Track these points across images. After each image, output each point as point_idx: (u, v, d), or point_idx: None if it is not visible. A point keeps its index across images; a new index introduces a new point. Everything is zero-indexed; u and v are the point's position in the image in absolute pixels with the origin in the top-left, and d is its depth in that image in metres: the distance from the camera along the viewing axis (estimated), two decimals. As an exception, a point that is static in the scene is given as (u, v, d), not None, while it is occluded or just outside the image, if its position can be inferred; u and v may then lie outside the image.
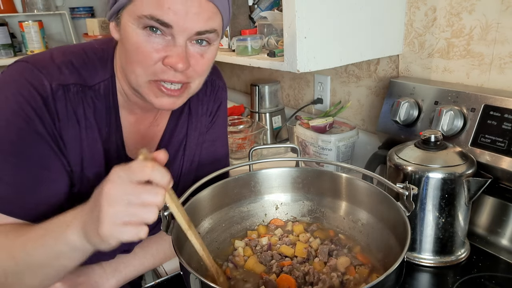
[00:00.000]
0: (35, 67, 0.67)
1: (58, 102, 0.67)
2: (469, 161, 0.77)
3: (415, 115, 0.98)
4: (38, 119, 0.65)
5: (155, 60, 0.63)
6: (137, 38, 0.62)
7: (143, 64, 0.64)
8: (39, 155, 0.66)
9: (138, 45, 0.63)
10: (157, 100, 0.68)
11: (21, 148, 0.65)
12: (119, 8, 0.64)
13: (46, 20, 2.38)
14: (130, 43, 0.63)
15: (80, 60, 0.71)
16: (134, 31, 0.62)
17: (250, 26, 1.35)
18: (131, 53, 0.64)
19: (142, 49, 0.63)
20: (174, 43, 0.63)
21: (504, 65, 0.89)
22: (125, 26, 0.63)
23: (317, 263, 0.71)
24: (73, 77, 0.69)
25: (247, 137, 1.37)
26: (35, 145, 0.66)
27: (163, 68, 0.64)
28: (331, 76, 1.39)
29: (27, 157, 0.65)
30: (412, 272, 0.79)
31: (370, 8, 0.99)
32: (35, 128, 0.65)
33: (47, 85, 0.66)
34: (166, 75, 0.65)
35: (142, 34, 0.62)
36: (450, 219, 0.78)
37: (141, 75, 0.65)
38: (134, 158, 0.79)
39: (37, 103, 0.65)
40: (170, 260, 0.88)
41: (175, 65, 0.62)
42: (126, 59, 0.66)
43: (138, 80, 0.66)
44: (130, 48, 0.64)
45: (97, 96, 0.72)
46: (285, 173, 0.85)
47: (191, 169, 0.89)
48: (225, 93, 0.95)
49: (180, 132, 0.86)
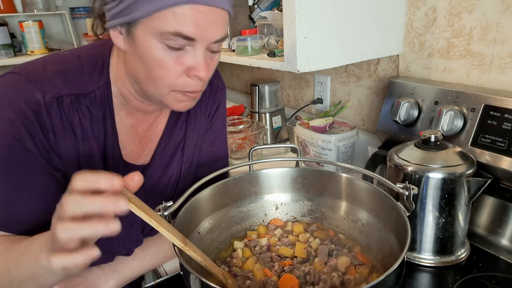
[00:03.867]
0: (28, 80, 0.65)
1: (53, 115, 0.66)
2: (469, 161, 0.77)
3: (415, 115, 0.98)
4: (28, 136, 0.64)
5: (178, 74, 0.64)
6: (159, 53, 0.62)
7: (165, 79, 0.64)
8: (30, 171, 0.66)
9: (159, 60, 0.62)
10: (179, 104, 0.69)
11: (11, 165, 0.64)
12: (131, 21, 0.61)
13: (46, 20, 2.38)
14: (150, 58, 0.62)
15: (74, 68, 0.70)
16: (155, 46, 0.61)
17: (250, 26, 1.35)
18: (152, 68, 0.63)
19: (164, 64, 0.63)
20: (194, 53, 0.63)
21: (504, 65, 0.89)
22: (142, 40, 0.61)
23: (317, 263, 0.71)
24: (67, 87, 0.68)
25: (247, 137, 1.37)
26: (25, 161, 0.65)
27: (186, 80, 0.65)
28: (331, 76, 1.39)
29: (17, 174, 0.65)
30: (412, 272, 0.79)
31: (370, 8, 0.99)
32: (24, 146, 0.64)
33: (40, 99, 0.65)
34: (189, 87, 0.66)
35: (163, 48, 0.61)
36: (450, 219, 0.78)
37: (163, 87, 0.66)
38: (131, 162, 0.80)
39: (28, 118, 0.64)
40: (170, 260, 0.88)
41: (200, 75, 0.64)
42: (145, 73, 0.65)
43: (159, 91, 0.66)
44: (150, 63, 0.63)
45: (93, 103, 0.71)
46: (285, 173, 0.85)
47: (190, 170, 0.89)
48: (224, 93, 0.94)
49: (178, 133, 0.85)
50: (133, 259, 0.83)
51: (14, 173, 0.65)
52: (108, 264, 0.81)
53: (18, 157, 0.64)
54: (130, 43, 0.64)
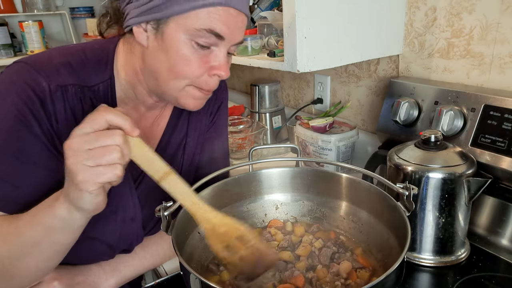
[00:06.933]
0: (33, 68, 0.67)
1: (57, 102, 0.67)
2: (469, 161, 0.77)
3: (415, 115, 0.98)
4: (34, 120, 0.66)
5: (202, 72, 0.68)
6: (187, 50, 0.65)
7: (188, 75, 0.67)
8: (35, 154, 0.67)
9: (187, 57, 0.65)
10: (193, 101, 0.72)
11: (16, 147, 0.65)
12: (163, 17, 0.64)
13: (46, 20, 2.38)
14: (177, 54, 0.65)
15: (79, 61, 0.71)
16: (185, 43, 0.65)
17: (250, 26, 1.35)
18: (177, 64, 0.66)
19: (192, 61, 0.66)
20: (219, 53, 0.67)
21: (504, 65, 0.89)
22: (172, 37, 0.64)
23: (320, 270, 0.70)
24: (71, 78, 0.69)
25: (247, 137, 1.37)
26: (30, 144, 0.66)
27: (208, 79, 0.69)
28: (331, 76, 1.39)
29: (22, 156, 0.66)
30: (412, 272, 0.79)
31: (370, 8, 0.99)
32: (30, 128, 0.66)
33: (45, 86, 0.66)
34: (208, 86, 0.70)
35: (192, 46, 0.65)
36: (450, 219, 0.78)
37: (183, 83, 0.68)
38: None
39: (34, 104, 0.65)
40: (170, 260, 0.88)
41: (221, 73, 0.68)
42: (168, 69, 0.67)
43: (178, 86, 0.69)
44: (176, 59, 0.66)
45: (96, 97, 0.72)
46: (285, 173, 0.85)
47: (191, 168, 0.89)
48: (226, 93, 0.95)
49: (180, 132, 0.86)
50: (134, 258, 0.83)
51: (21, 157, 0.66)
52: (108, 263, 0.81)
53: (25, 141, 0.66)
54: (157, 40, 0.66)
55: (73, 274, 0.76)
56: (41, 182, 0.68)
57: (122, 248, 0.82)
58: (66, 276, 0.75)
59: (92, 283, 0.77)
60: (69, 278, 0.75)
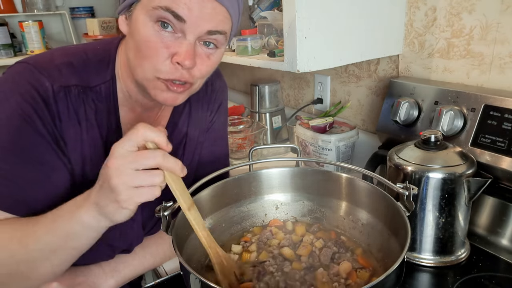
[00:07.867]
0: (36, 69, 0.67)
1: (60, 103, 0.67)
2: (469, 161, 0.77)
3: (415, 115, 0.98)
4: (38, 119, 0.65)
5: (164, 57, 0.64)
6: (148, 31, 0.63)
7: (151, 60, 0.64)
8: (40, 154, 0.67)
9: (148, 38, 0.63)
10: (162, 94, 0.68)
11: (21, 147, 0.65)
12: (133, 1, 0.64)
13: (46, 20, 2.38)
14: (140, 35, 0.64)
15: (81, 61, 0.71)
16: (146, 23, 0.63)
17: (250, 26, 1.35)
18: (140, 47, 0.64)
19: (151, 43, 0.63)
20: (183, 40, 0.64)
21: (504, 65, 0.89)
22: (137, 18, 0.64)
23: (320, 273, 0.70)
24: (74, 78, 0.69)
25: (247, 137, 1.37)
26: (35, 144, 0.66)
27: (171, 67, 0.65)
28: (331, 76, 1.39)
29: (27, 156, 0.66)
30: (412, 272, 0.79)
31: (370, 8, 0.99)
32: (35, 128, 0.65)
33: (48, 87, 0.66)
34: (173, 75, 0.66)
35: (153, 27, 0.63)
36: (450, 219, 0.78)
37: (148, 70, 0.66)
38: None
39: (38, 104, 0.65)
40: (170, 260, 0.88)
41: (183, 61, 0.63)
42: (134, 53, 0.66)
43: (145, 75, 0.67)
44: (139, 41, 0.64)
45: (98, 97, 0.72)
46: (285, 173, 0.85)
47: (191, 168, 0.89)
48: (226, 94, 0.95)
49: (180, 131, 0.86)
50: (133, 258, 0.83)
51: (26, 156, 0.66)
52: (108, 263, 0.81)
53: (30, 141, 0.66)
54: (128, 25, 0.67)
55: (73, 274, 0.76)
56: (47, 181, 0.68)
57: (122, 248, 0.82)
58: (66, 277, 0.74)
59: (92, 284, 0.77)
60: (69, 278, 0.75)
